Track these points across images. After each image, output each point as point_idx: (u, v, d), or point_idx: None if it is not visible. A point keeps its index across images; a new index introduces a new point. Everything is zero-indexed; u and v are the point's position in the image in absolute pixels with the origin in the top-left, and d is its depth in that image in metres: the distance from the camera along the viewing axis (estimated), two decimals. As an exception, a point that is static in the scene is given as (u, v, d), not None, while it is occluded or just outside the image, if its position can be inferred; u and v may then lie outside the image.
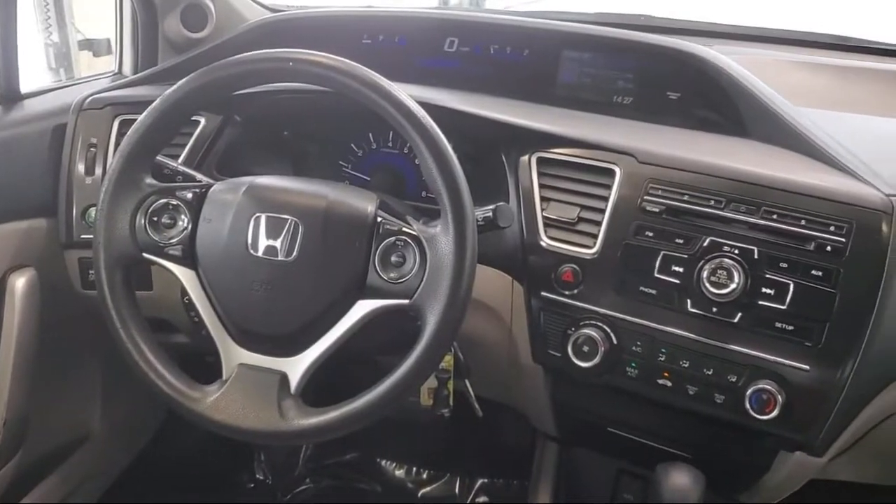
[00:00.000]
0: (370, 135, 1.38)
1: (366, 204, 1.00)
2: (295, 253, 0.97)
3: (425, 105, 0.96)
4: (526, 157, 1.15)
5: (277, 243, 0.97)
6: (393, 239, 0.96)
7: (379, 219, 0.98)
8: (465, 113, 1.19)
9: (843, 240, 0.98)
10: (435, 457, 1.97)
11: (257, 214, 0.98)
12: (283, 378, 0.97)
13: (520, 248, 1.13)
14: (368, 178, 1.38)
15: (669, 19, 1.60)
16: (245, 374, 0.98)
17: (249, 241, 0.98)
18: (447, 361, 1.21)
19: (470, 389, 1.27)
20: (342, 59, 0.96)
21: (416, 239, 0.95)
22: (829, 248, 0.98)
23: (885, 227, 0.97)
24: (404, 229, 0.96)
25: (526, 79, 1.40)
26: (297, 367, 0.97)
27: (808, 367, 0.99)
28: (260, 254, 0.97)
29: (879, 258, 0.96)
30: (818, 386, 0.99)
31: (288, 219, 0.97)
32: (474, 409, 1.29)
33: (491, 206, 1.02)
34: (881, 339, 0.97)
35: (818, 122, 1.19)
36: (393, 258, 0.96)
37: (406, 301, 0.94)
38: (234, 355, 1.00)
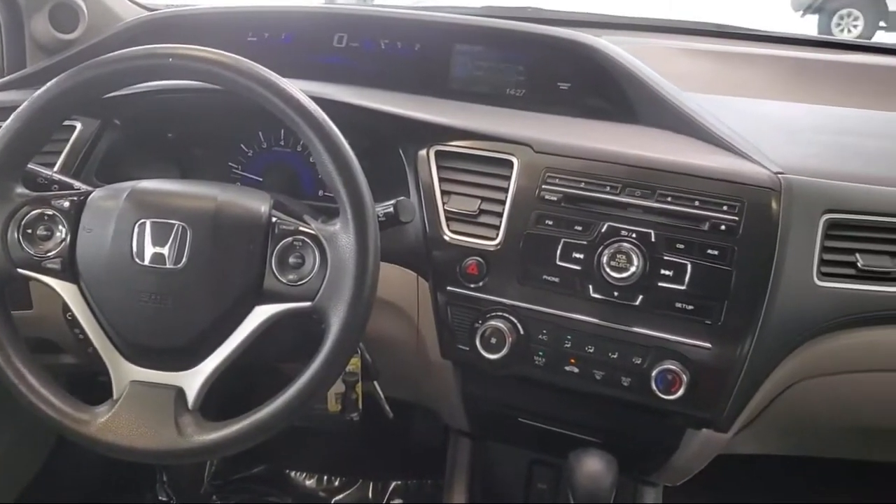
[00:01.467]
0: (260, 133, 1.33)
1: (259, 204, 0.95)
2: (184, 260, 0.91)
3: (317, 100, 0.93)
4: (424, 151, 1.14)
5: (165, 250, 0.92)
6: (290, 239, 0.93)
7: (274, 219, 0.94)
8: (359, 107, 1.17)
9: (735, 218, 1.00)
10: (347, 463, 1.94)
11: (141, 220, 0.93)
12: (179, 393, 0.92)
13: (423, 243, 1.11)
14: (261, 179, 1.33)
15: (557, 11, 1.62)
16: (137, 391, 0.93)
17: (134, 249, 0.92)
18: (354, 364, 1.18)
19: (379, 391, 1.24)
20: (227, 53, 0.92)
21: (314, 238, 0.92)
22: (722, 227, 1.01)
23: (774, 204, 1.00)
24: (301, 228, 0.93)
25: (418, 73, 1.38)
26: (193, 380, 0.93)
27: (709, 344, 1.01)
28: (146, 262, 0.92)
29: (771, 235, 1.00)
30: (720, 363, 1.01)
31: (175, 224, 0.92)
32: (384, 411, 1.27)
33: (391, 202, 1.00)
34: (777, 313, 1.00)
35: (705, 105, 1.22)
36: (291, 259, 0.92)
37: (307, 304, 0.91)
38: (125, 372, 0.94)
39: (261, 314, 0.92)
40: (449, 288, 1.10)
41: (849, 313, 1.03)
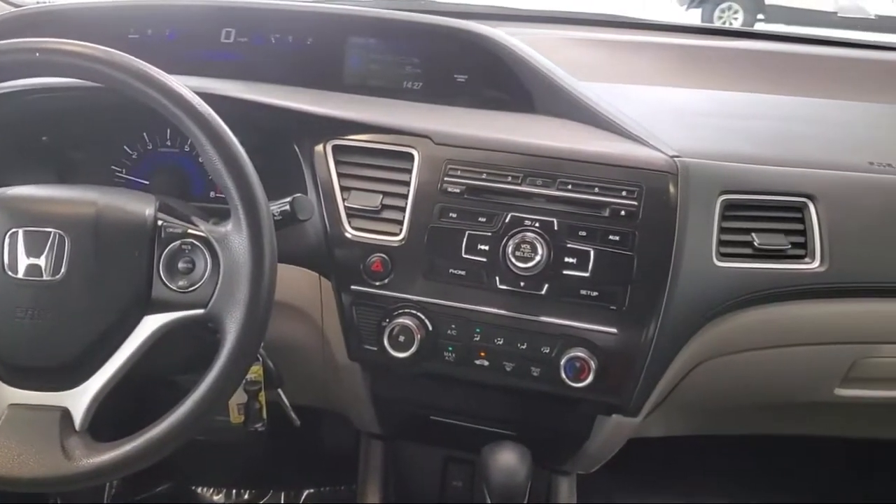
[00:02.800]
0: (145, 134, 1.25)
1: (143, 206, 0.90)
2: (63, 270, 0.85)
3: (204, 95, 0.88)
4: (321, 146, 1.10)
5: (41, 261, 0.85)
6: (178, 243, 0.88)
7: (160, 222, 0.89)
8: (249, 102, 1.11)
9: (635, 203, 1.01)
10: (256, 474, 1.87)
11: (13, 230, 0.86)
12: (65, 414, 0.86)
13: (323, 242, 1.08)
14: (147, 183, 1.26)
15: (452, 3, 1.61)
16: (17, 415, 0.86)
17: (6, 261, 0.86)
18: (256, 372, 1.13)
19: (284, 399, 1.20)
20: (100, 46, 0.85)
21: (204, 241, 0.87)
22: (623, 212, 1.01)
23: (672, 188, 1.02)
24: (190, 231, 0.88)
25: (312, 68, 1.34)
26: (79, 399, 0.86)
27: (615, 330, 1.02)
28: (20, 275, 0.85)
29: (670, 218, 1.01)
30: (627, 348, 1.02)
31: (51, 232, 0.86)
32: (291, 420, 1.22)
33: (287, 199, 0.96)
34: (679, 295, 1.01)
35: (600, 93, 1.23)
36: (180, 265, 0.87)
37: (200, 311, 0.86)
38: (3, 395, 0.87)
39: (150, 325, 0.87)
40: (353, 287, 1.07)
41: (748, 292, 1.05)
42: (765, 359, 1.15)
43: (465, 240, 1.03)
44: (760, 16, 7.85)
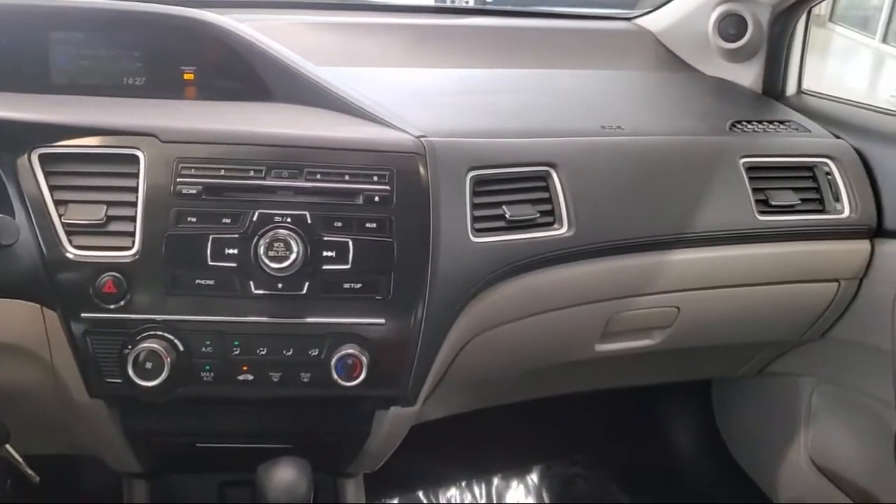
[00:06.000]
0: None
1: None
2: None
3: None
4: (24, 158, 0.96)
5: None
6: None
7: None
8: None
9: (387, 188, 0.99)
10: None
11: None
12: None
13: (41, 267, 0.94)
14: None
15: (175, -12, 1.48)
16: None
17: None
18: (-29, 429, 0.96)
19: (14, 454, 1.03)
20: None
21: None
22: (376, 198, 0.99)
23: (421, 169, 1.01)
24: None
25: (13, 69, 1.16)
26: None
27: (383, 320, 0.99)
28: None
29: (423, 199, 1.00)
30: (396, 337, 1.00)
31: None
32: (28, 476, 1.06)
33: None
34: (441, 276, 1.01)
35: (339, 77, 1.19)
36: None
37: None
38: None
39: None
40: (84, 314, 0.95)
41: (505, 263, 1.07)
42: (530, 326, 1.18)
43: (209, 245, 0.95)
44: (491, -2, 8.33)
